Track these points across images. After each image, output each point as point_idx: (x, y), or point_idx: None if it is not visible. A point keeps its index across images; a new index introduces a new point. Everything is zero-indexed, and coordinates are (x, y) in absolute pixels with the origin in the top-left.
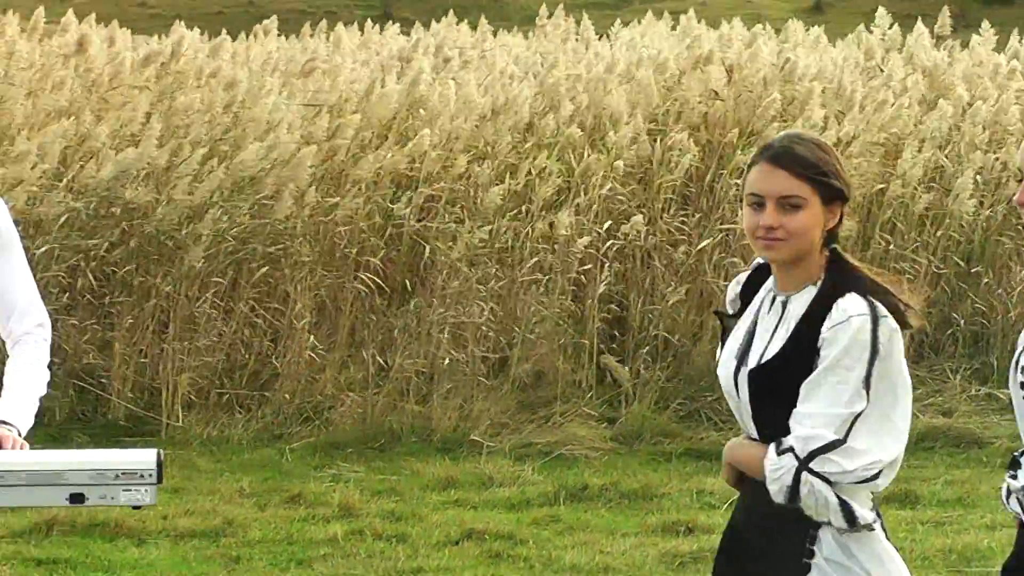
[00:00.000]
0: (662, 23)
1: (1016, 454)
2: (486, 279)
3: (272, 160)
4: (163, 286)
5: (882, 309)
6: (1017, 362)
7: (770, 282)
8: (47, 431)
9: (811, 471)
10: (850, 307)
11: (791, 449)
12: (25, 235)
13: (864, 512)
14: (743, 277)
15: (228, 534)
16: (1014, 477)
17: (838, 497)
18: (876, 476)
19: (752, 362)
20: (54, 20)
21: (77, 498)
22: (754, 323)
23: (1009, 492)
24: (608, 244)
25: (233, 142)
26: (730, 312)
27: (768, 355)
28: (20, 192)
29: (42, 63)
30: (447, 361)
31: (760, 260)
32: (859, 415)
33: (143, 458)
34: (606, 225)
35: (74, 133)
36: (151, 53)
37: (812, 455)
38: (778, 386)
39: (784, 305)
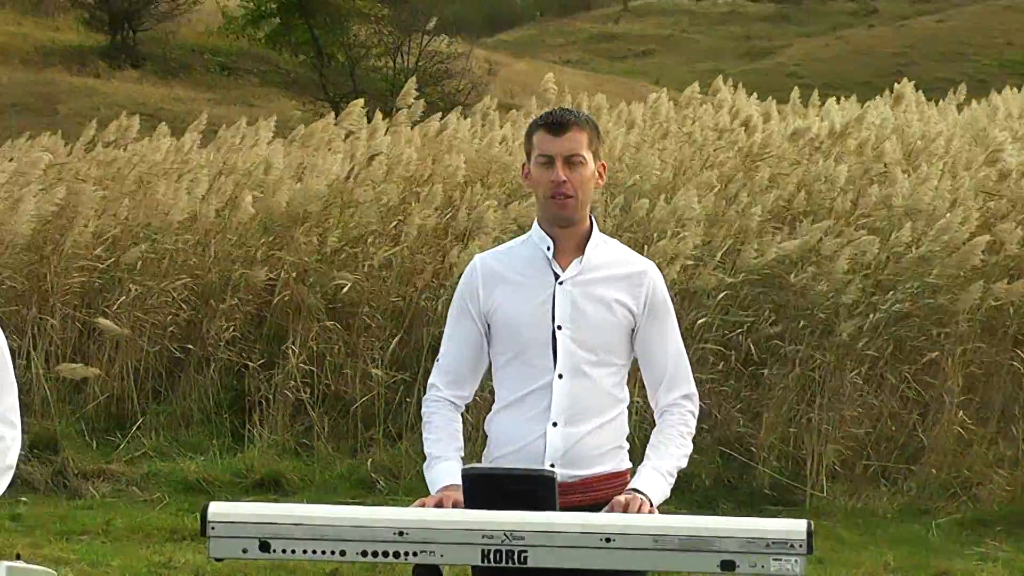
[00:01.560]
0: None
1: None
2: None
3: (942, 244)
4: (815, 357)
5: None
6: None
7: None
8: (692, 497)
9: None
10: None
11: None
12: (679, 307)
13: None
14: None
15: None
16: None
17: None
18: None
19: None
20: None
21: (728, 565)
22: None
23: None
24: None
25: (889, 221)
26: None
27: None
28: (675, 265)
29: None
30: None
31: None
32: None
33: (794, 528)
34: None
35: (723, 208)
36: (799, 128)
37: None
38: None
39: None
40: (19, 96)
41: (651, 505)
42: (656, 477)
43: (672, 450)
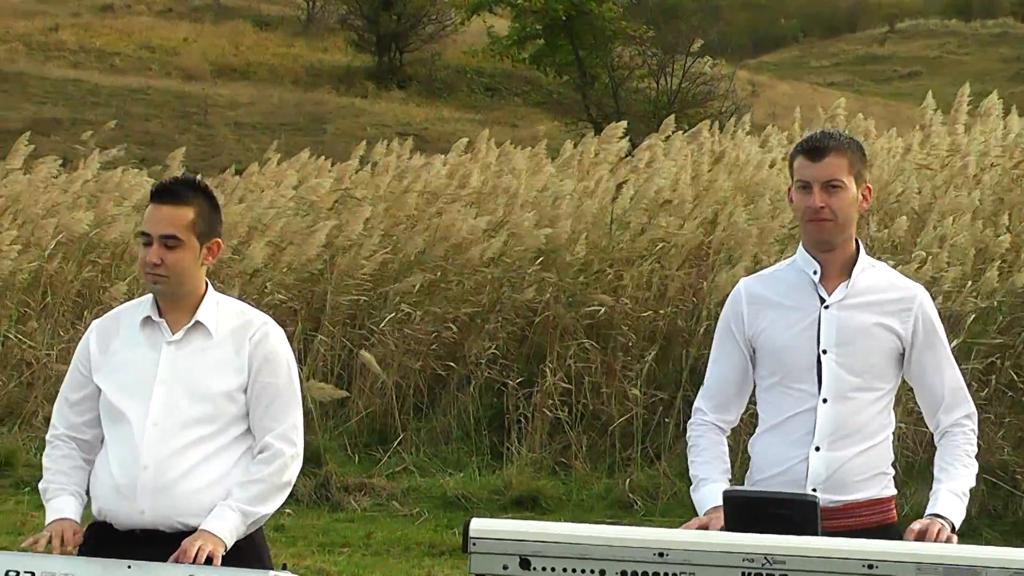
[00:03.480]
0: None
1: None
2: None
3: None
4: None
5: None
6: None
7: None
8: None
9: None
10: None
11: None
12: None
13: None
14: None
15: None
16: None
17: None
18: None
19: None
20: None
21: None
22: None
23: None
24: None
25: None
26: None
27: None
28: (940, 286)
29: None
30: None
31: None
32: None
33: None
34: None
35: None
36: None
37: None
38: None
39: None
40: (289, 116)
41: (951, 530)
42: (954, 500)
43: (961, 470)
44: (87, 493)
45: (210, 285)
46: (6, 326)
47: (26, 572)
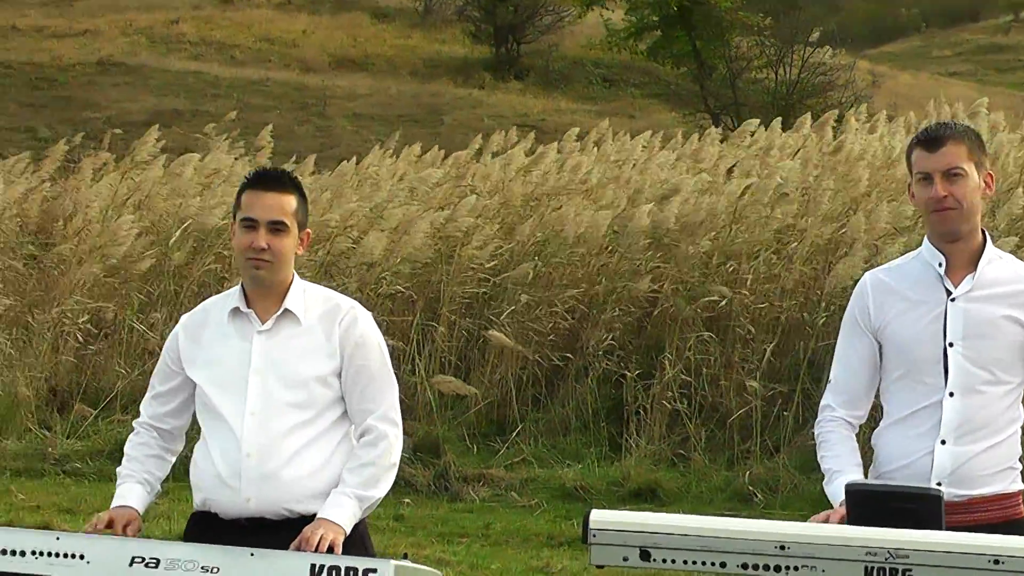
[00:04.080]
0: None
1: None
2: None
3: None
4: None
5: None
6: None
7: None
8: None
9: None
10: None
11: None
12: None
13: None
14: None
15: None
16: None
17: None
18: None
19: None
20: None
21: None
22: None
23: None
24: None
25: None
26: None
27: None
28: None
29: None
30: None
31: None
32: None
33: None
34: None
35: None
36: None
37: None
38: None
39: None
40: (406, 107)
41: None
42: None
43: None
44: (161, 483)
45: (296, 274)
46: (129, 315)
47: (151, 558)
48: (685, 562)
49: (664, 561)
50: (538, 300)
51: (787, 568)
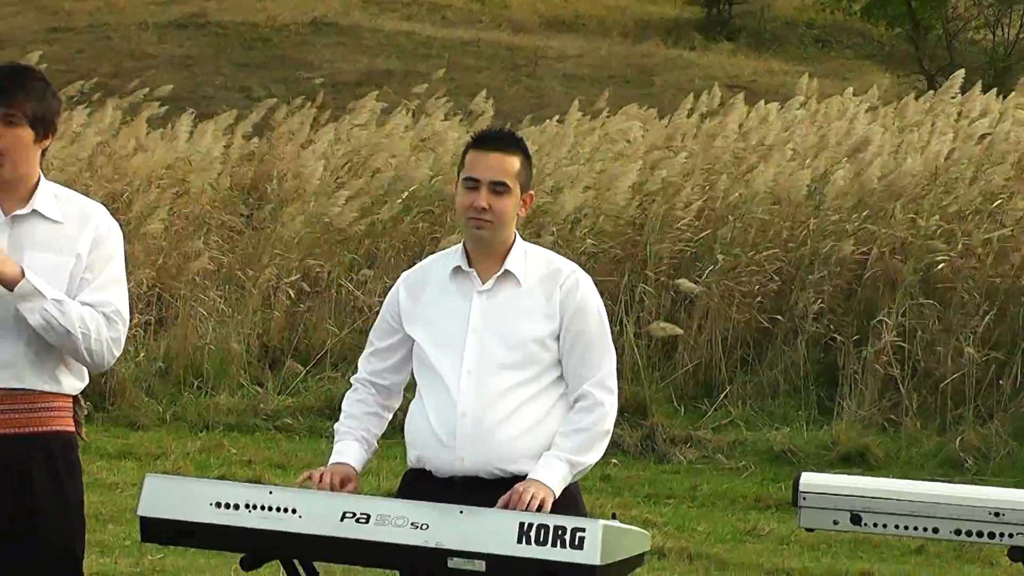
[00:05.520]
0: None
1: None
2: None
3: None
4: None
5: None
6: None
7: None
8: None
9: None
10: None
11: None
12: None
13: None
14: None
15: None
16: None
17: None
18: None
19: None
20: None
21: None
22: None
23: None
24: None
25: None
26: None
27: None
28: None
29: None
30: None
31: None
32: None
33: None
34: None
35: None
36: None
37: None
38: None
39: None
40: (616, 68)
41: None
42: None
43: None
44: (377, 440)
45: (518, 235)
46: (340, 274)
47: (362, 514)
48: (897, 527)
49: (875, 526)
50: (743, 261)
51: (1001, 535)
